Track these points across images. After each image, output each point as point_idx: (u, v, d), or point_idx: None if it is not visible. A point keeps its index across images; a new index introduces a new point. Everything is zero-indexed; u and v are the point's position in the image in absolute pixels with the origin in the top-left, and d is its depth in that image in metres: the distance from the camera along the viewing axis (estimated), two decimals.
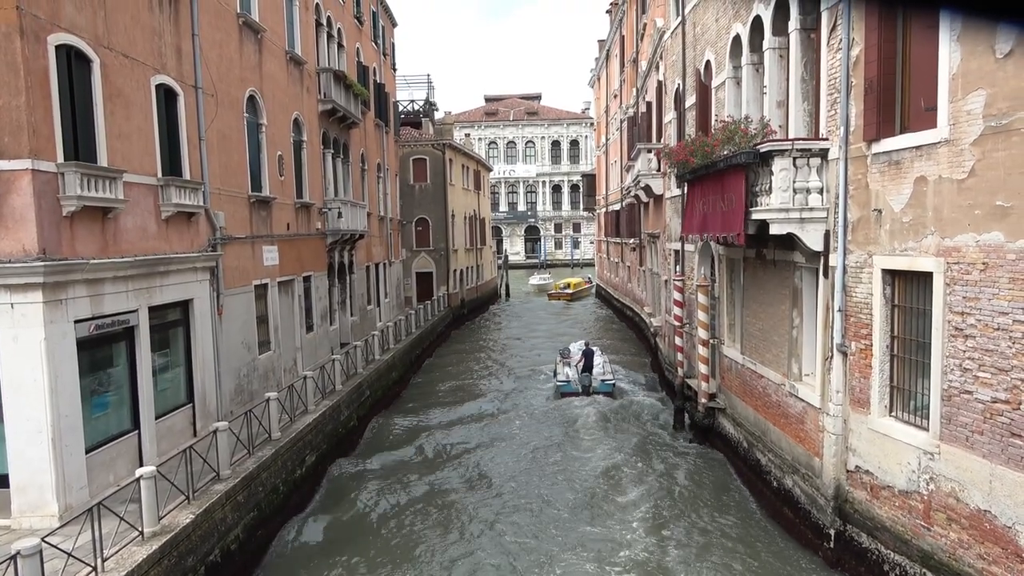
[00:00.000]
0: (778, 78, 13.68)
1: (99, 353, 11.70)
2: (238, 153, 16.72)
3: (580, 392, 22.61)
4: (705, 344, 17.48)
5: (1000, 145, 7.76)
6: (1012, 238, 7.64)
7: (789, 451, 12.99)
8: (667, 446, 17.87)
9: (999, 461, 7.89)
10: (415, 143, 40.95)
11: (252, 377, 16.93)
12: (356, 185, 26.82)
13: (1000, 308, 7.84)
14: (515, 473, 16.46)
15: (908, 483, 9.47)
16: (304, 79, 21.28)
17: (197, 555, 10.29)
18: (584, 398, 22.14)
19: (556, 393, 23.28)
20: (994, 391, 7.95)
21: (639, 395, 23.19)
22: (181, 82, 14.02)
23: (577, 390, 22.72)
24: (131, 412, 12.30)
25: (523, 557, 12.34)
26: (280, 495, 13.64)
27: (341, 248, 24.30)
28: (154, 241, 12.94)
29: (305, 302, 20.93)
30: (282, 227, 19.19)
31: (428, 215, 41.11)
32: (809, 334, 12.43)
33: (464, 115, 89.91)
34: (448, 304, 40.43)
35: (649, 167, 25.24)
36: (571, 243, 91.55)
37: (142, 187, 12.55)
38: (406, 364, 27.12)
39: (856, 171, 10.57)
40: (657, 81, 25.50)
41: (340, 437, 17.90)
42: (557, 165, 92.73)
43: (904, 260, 9.50)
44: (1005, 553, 7.82)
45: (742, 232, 12.59)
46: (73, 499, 10.24)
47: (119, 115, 11.90)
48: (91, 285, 10.95)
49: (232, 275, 15.95)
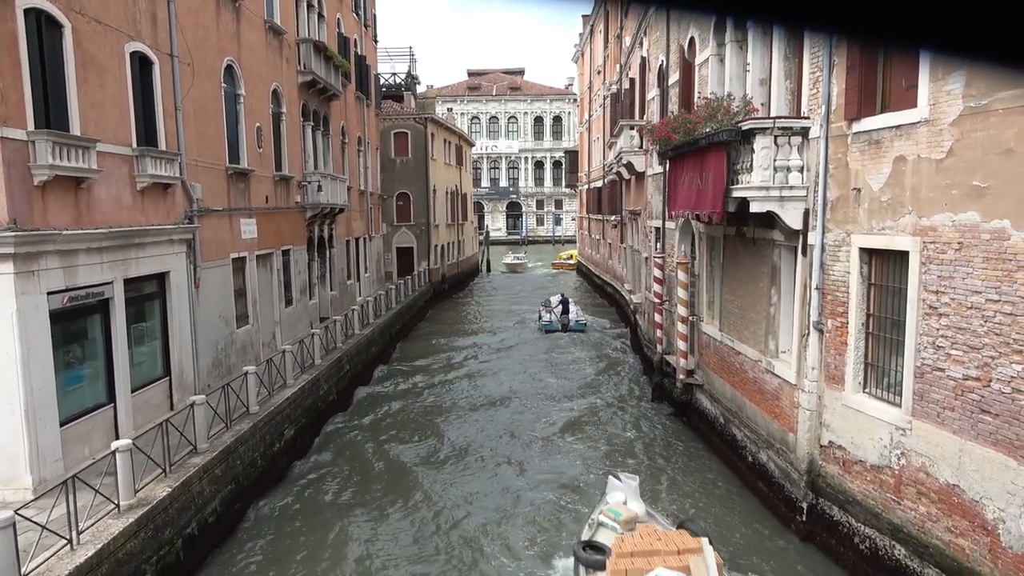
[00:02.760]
0: (761, 56, 13.66)
1: (73, 325, 11.54)
2: (215, 124, 16.44)
3: (560, 329, 30.21)
4: (684, 321, 17.60)
5: (978, 125, 7.82)
6: (987, 218, 7.73)
7: (764, 426, 13.17)
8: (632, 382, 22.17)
9: (968, 437, 8.05)
10: (397, 117, 40.49)
11: (230, 351, 16.81)
12: (336, 158, 26.53)
13: (974, 287, 7.95)
14: (515, 381, 22.58)
15: (880, 458, 9.65)
16: (283, 49, 20.91)
17: (174, 528, 10.27)
18: (563, 333, 29.86)
19: (541, 331, 30.74)
20: (966, 368, 8.09)
21: (607, 333, 30.46)
22: (156, 50, 13.72)
23: (557, 328, 30.31)
24: (107, 385, 12.17)
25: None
26: (258, 468, 13.63)
27: (321, 222, 24.08)
28: (129, 212, 12.73)
29: (284, 276, 20.76)
30: (261, 200, 18.96)
31: (409, 190, 40.78)
32: (786, 312, 12.55)
33: (447, 89, 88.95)
34: (429, 279, 40.32)
35: (631, 144, 25.19)
36: (553, 220, 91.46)
37: (116, 157, 12.31)
38: (386, 339, 27.09)
39: (836, 150, 10.61)
40: (641, 57, 25.36)
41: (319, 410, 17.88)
42: (540, 141, 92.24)
43: (881, 239, 9.59)
44: (972, 526, 8.01)
45: (721, 210, 12.64)
46: (47, 472, 10.14)
47: (92, 83, 11.63)
48: (64, 256, 10.77)
49: (209, 248, 15.76)
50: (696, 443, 16.35)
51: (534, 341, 29.28)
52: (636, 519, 9.87)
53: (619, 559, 8.41)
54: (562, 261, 60.33)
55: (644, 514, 10.21)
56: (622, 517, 9.75)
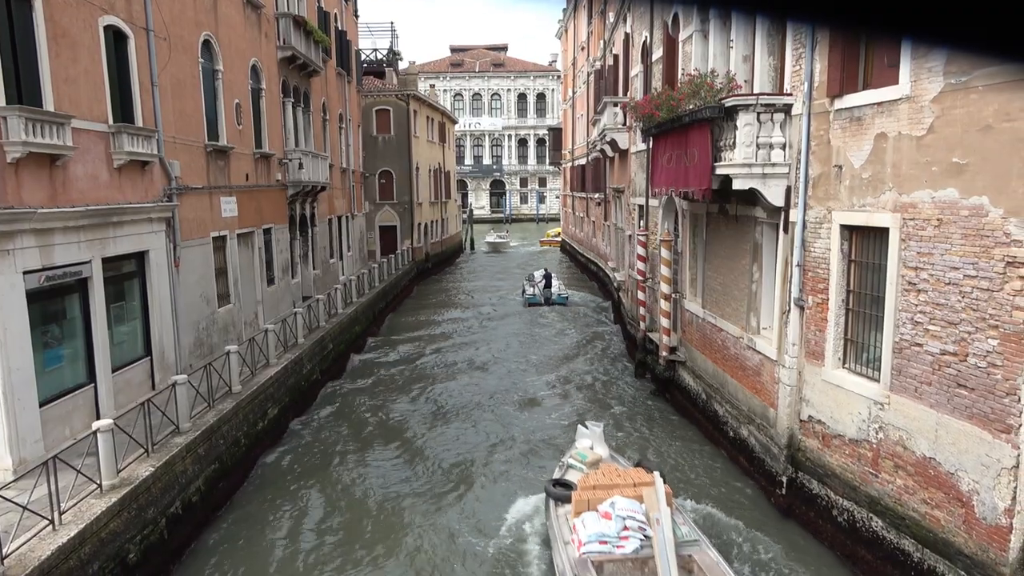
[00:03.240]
0: (745, 32, 13.60)
1: (51, 305, 11.39)
2: (193, 100, 16.17)
3: (542, 303, 31.49)
4: (667, 298, 17.68)
5: (959, 103, 7.85)
6: (966, 195, 7.80)
7: (746, 402, 13.32)
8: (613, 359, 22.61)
9: (945, 411, 8.19)
10: (378, 93, 40.03)
11: (212, 330, 16.69)
12: (318, 136, 26.23)
13: (952, 263, 8.03)
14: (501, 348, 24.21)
15: (858, 432, 9.79)
16: (262, 24, 20.56)
17: (158, 507, 10.25)
18: (545, 307, 31.02)
19: (524, 304, 32.16)
20: (943, 343, 8.20)
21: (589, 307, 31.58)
22: (131, 24, 13.43)
23: (540, 301, 31.61)
24: (87, 365, 12.06)
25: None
26: (242, 448, 13.60)
27: (303, 200, 23.86)
28: (106, 190, 12.53)
29: (266, 255, 20.59)
30: (241, 178, 18.73)
31: (392, 168, 40.45)
32: (768, 288, 12.64)
33: (429, 65, 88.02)
34: (412, 258, 40.17)
35: (615, 121, 25.11)
36: (537, 198, 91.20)
37: (92, 134, 12.09)
38: (369, 317, 27.02)
39: (819, 127, 10.64)
40: (624, 33, 25.20)
41: (303, 391, 17.85)
42: (523, 118, 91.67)
43: (862, 216, 9.65)
44: (947, 498, 8.17)
45: (708, 187, 12.64)
46: (27, 452, 10.06)
47: (65, 57, 11.37)
48: (40, 235, 10.60)
49: (189, 226, 15.57)
50: (679, 418, 16.52)
51: (517, 315, 30.24)
52: (600, 460, 11.14)
53: (583, 491, 9.66)
54: (550, 238, 61.60)
55: (608, 456, 11.51)
56: (588, 459, 11.08)
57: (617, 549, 8.74)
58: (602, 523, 8.99)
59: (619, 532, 8.89)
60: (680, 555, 8.48)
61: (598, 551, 8.72)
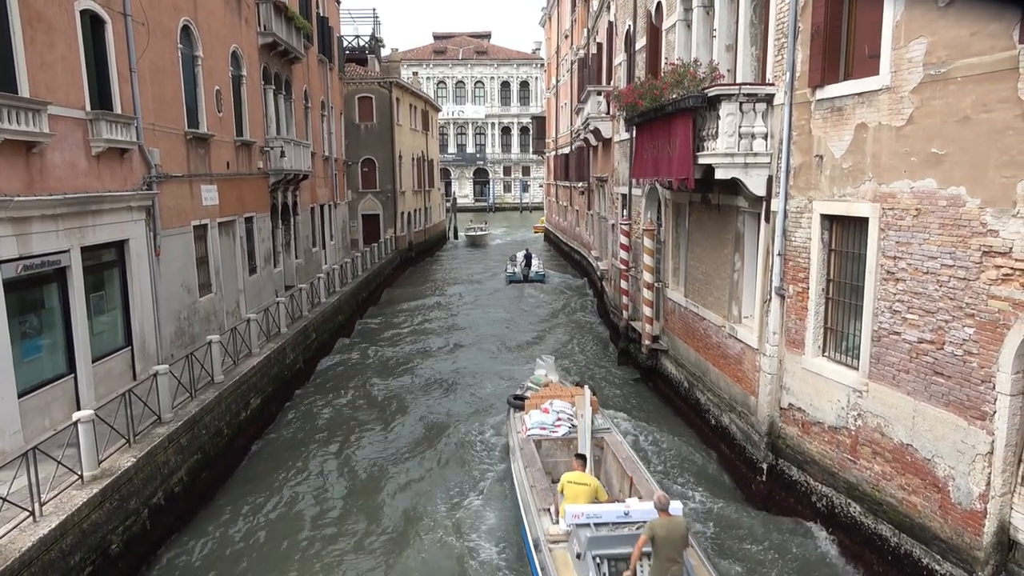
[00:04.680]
0: (728, 21, 13.64)
1: (29, 295, 11.25)
2: (173, 87, 15.96)
3: (522, 280, 35.48)
4: (650, 287, 17.77)
5: (938, 93, 7.93)
6: (944, 185, 7.89)
7: (727, 390, 13.44)
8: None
9: (922, 398, 8.32)
10: (361, 80, 39.70)
11: (193, 320, 16.56)
12: (299, 123, 25.99)
13: (930, 252, 8.14)
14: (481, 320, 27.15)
15: (837, 419, 9.93)
16: (242, 10, 20.29)
17: (140, 498, 10.19)
18: (525, 284, 35.01)
19: (507, 281, 35.96)
20: (921, 332, 8.32)
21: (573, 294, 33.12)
22: (108, 8, 13.21)
23: (520, 278, 35.62)
24: (66, 355, 11.94)
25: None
26: (225, 438, 13.54)
27: (284, 188, 23.67)
28: (85, 178, 12.37)
29: (247, 243, 20.43)
30: (222, 166, 18.54)
31: (375, 156, 40.20)
32: (749, 278, 12.74)
33: (412, 53, 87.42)
34: (396, 247, 40.03)
35: (599, 110, 25.10)
36: (520, 186, 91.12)
37: (69, 121, 11.91)
38: (352, 306, 26.93)
39: (800, 117, 10.70)
40: (608, 22, 25.16)
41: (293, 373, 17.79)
42: (507, 107, 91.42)
43: (842, 205, 9.75)
44: (924, 484, 8.32)
45: (691, 176, 12.67)
46: (6, 444, 9.96)
47: (41, 43, 11.18)
48: (17, 224, 10.44)
49: (169, 215, 15.41)
50: (661, 406, 16.63)
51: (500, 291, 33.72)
52: (550, 383, 14.29)
53: (533, 399, 13.29)
54: (543, 225, 62.59)
55: (557, 380, 14.72)
56: (541, 382, 14.31)
57: (552, 433, 12.04)
58: (543, 416, 12.38)
59: (554, 422, 12.24)
60: (595, 437, 11.66)
61: (538, 434, 12.02)
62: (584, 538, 8.07)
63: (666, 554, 7.38)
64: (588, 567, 7.91)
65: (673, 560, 7.40)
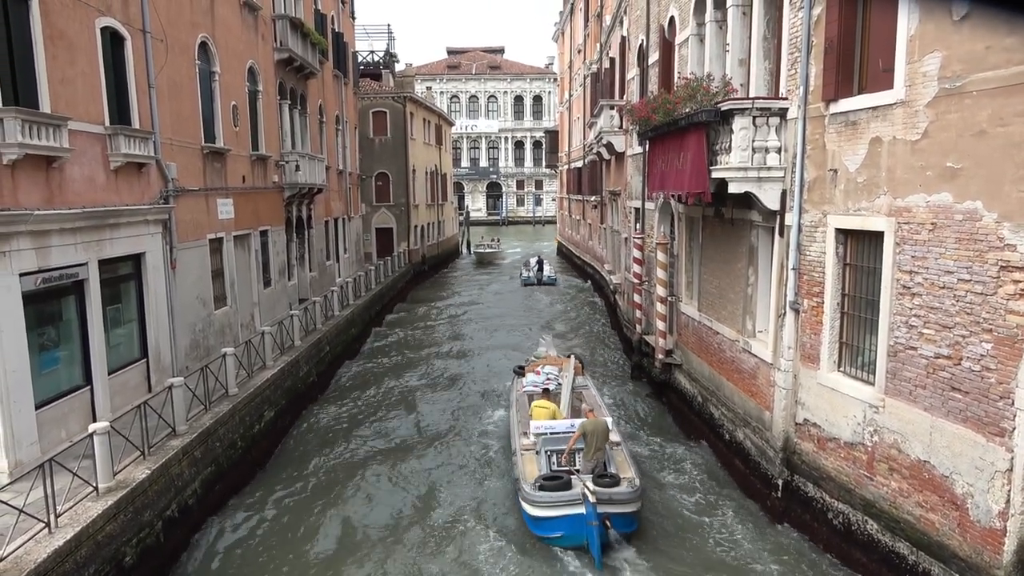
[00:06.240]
0: (741, 36, 13.66)
1: (48, 307, 11.38)
2: (190, 102, 16.17)
3: (535, 283, 39.55)
4: (663, 301, 17.71)
5: (953, 107, 7.90)
6: (960, 199, 7.84)
7: (741, 405, 13.35)
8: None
9: (939, 414, 8.22)
10: (375, 95, 40.03)
11: (208, 332, 16.68)
12: (314, 138, 26.22)
13: (946, 267, 8.07)
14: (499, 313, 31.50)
15: (853, 435, 9.83)
16: (259, 26, 20.56)
17: (154, 510, 10.24)
18: (537, 286, 39.06)
19: (521, 284, 40.10)
20: (937, 347, 8.24)
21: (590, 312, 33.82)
22: (128, 25, 13.43)
23: (533, 281, 39.74)
24: (83, 367, 12.05)
25: None
26: (238, 450, 13.59)
27: (299, 202, 23.85)
28: (103, 192, 12.53)
29: (262, 257, 20.58)
30: (237, 180, 18.73)
31: (388, 169, 40.44)
32: (763, 292, 12.67)
33: (425, 68, 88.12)
34: (409, 260, 40.17)
35: (611, 124, 25.15)
36: (533, 200, 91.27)
37: (89, 136, 12.09)
38: (366, 320, 27.01)
39: (814, 131, 10.68)
40: (621, 37, 25.26)
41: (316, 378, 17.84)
42: (520, 121, 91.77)
43: (857, 220, 9.69)
44: (942, 501, 8.21)
45: (707, 189, 12.61)
46: (23, 455, 10.04)
47: (62, 59, 11.37)
48: (36, 237, 10.59)
49: (186, 228, 15.57)
50: (675, 421, 16.54)
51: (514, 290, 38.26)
52: (548, 356, 17.92)
53: (530, 367, 16.98)
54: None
55: (555, 354, 18.30)
56: (542, 356, 18.08)
57: (542, 388, 14.71)
58: (535, 377, 16.02)
59: (543, 381, 15.48)
60: (576, 391, 14.81)
61: (531, 390, 15.40)
62: (541, 440, 12.49)
63: (594, 444, 11.14)
64: (543, 459, 12.08)
65: (599, 448, 11.18)
